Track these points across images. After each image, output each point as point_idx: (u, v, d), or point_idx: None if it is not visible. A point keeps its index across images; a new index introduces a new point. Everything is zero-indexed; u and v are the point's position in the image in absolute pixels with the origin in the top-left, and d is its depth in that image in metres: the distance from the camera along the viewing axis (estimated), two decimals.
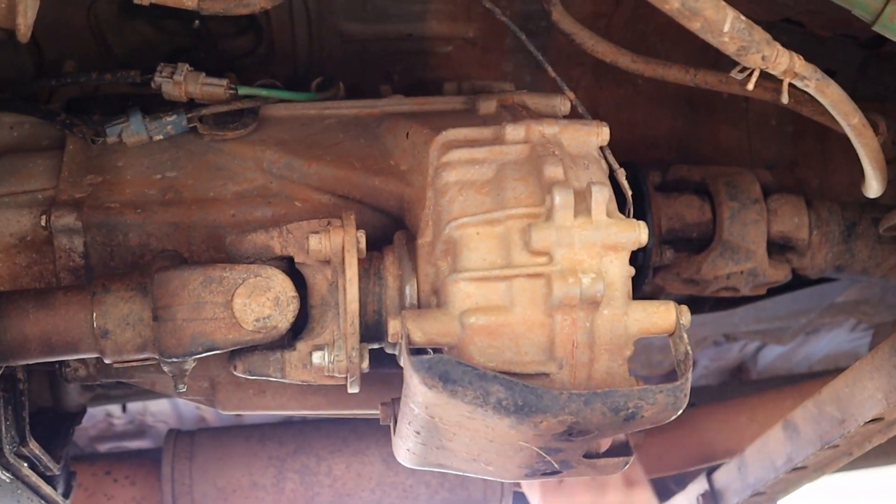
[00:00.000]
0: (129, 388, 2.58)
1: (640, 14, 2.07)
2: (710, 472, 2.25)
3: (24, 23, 1.30)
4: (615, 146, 1.48)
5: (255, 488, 2.22)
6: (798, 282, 2.42)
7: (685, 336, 1.27)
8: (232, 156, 1.62)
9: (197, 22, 1.89)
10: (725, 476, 2.16)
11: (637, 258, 1.89)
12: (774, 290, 2.38)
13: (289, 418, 2.47)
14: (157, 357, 1.36)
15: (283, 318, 1.32)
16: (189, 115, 1.61)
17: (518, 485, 2.41)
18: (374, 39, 2.08)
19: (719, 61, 1.90)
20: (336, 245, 1.33)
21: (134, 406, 2.89)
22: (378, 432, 2.28)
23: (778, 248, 1.99)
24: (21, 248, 1.58)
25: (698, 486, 2.27)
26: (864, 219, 2.02)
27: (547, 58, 1.63)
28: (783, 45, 1.27)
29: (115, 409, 2.91)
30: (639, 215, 1.85)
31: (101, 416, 2.92)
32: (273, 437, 2.28)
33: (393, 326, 1.25)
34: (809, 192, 2.10)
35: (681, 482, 2.47)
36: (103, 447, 2.94)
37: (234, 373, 1.40)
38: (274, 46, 2.05)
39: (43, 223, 1.55)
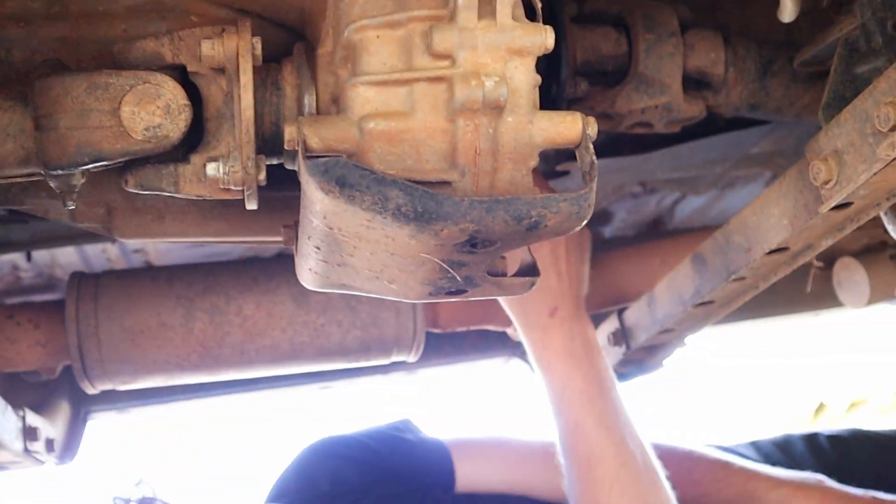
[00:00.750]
0: (37, 233, 2.50)
1: None
2: (621, 312, 2.28)
3: None
4: None
5: (164, 328, 2.18)
6: (715, 129, 2.42)
7: (591, 147, 1.24)
8: None
9: None
10: (635, 313, 2.19)
11: (551, 89, 1.85)
12: (690, 136, 2.38)
13: (207, 258, 2.42)
14: (41, 171, 1.29)
15: (175, 127, 1.26)
16: None
17: (434, 324, 2.41)
18: None
19: None
20: (230, 51, 1.26)
21: (41, 258, 2.81)
22: (289, 272, 2.23)
23: (693, 83, 1.96)
24: None
25: (609, 325, 2.30)
26: (780, 57, 2.00)
27: None
28: None
29: (21, 261, 2.81)
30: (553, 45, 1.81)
31: (7, 269, 2.84)
32: (181, 277, 2.23)
33: (289, 133, 1.19)
34: (727, 30, 2.06)
35: (595, 325, 2.50)
36: (11, 301, 2.86)
37: (126, 188, 1.34)
38: None
39: None
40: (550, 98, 1.84)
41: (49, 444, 2.36)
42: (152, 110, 1.25)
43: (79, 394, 2.62)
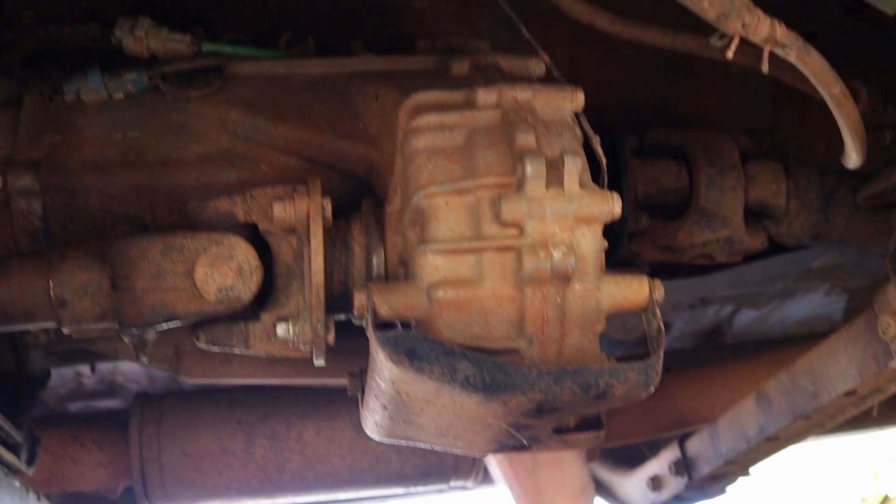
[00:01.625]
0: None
1: None
2: (682, 440, 2.24)
3: None
4: (592, 107, 1.43)
5: (225, 454, 2.19)
6: (774, 247, 2.40)
7: (658, 312, 1.24)
8: (196, 116, 1.56)
9: None
10: (698, 444, 2.15)
11: (612, 225, 1.85)
12: (750, 256, 2.37)
13: (258, 386, 2.44)
14: (116, 328, 1.32)
15: (247, 289, 1.28)
16: (150, 73, 1.55)
17: None
18: None
19: (701, 22, 1.86)
20: (301, 213, 1.28)
21: (104, 366, 2.85)
22: (348, 398, 2.25)
23: (755, 215, 1.96)
24: None
25: (670, 454, 2.26)
26: (842, 187, 1.98)
27: (524, 14, 1.58)
28: (763, 3, 1.23)
29: (85, 369, 2.86)
30: (615, 180, 1.82)
31: (70, 375, 2.88)
32: (243, 401, 2.25)
33: (358, 300, 1.21)
34: (788, 158, 2.06)
35: (654, 447, 2.47)
36: (73, 406, 2.90)
37: (198, 344, 1.36)
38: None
39: (0, 185, 1.50)
40: (612, 233, 1.84)
41: None
42: (225, 272, 1.27)
43: None
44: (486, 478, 2.42)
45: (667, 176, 1.90)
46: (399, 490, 2.31)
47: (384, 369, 1.18)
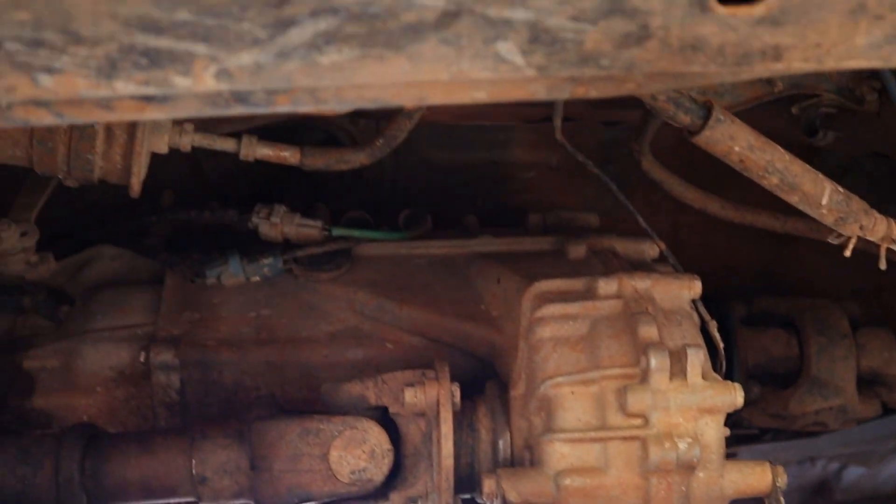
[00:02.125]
0: None
1: None
2: None
3: (138, 181, 1.37)
4: (696, 273, 1.47)
5: None
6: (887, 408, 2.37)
7: (782, 499, 1.26)
8: (325, 296, 1.66)
9: None
10: None
11: None
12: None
13: None
14: None
15: (379, 471, 1.34)
16: (285, 258, 1.66)
17: None
18: (459, 166, 2.12)
19: None
20: (431, 399, 1.35)
21: None
22: None
23: (867, 382, 1.96)
24: (119, 382, 1.62)
25: None
26: None
27: (629, 183, 1.64)
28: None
29: None
30: (725, 350, 1.84)
31: None
32: None
33: (488, 486, 1.26)
34: None
35: None
36: None
37: None
38: (362, 171, 2.11)
39: (142, 359, 1.60)
40: None
41: None
42: (358, 455, 1.34)
43: None
44: None
45: (776, 345, 1.93)
46: None
47: None
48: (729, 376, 1.88)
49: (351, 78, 0.72)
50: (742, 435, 2.14)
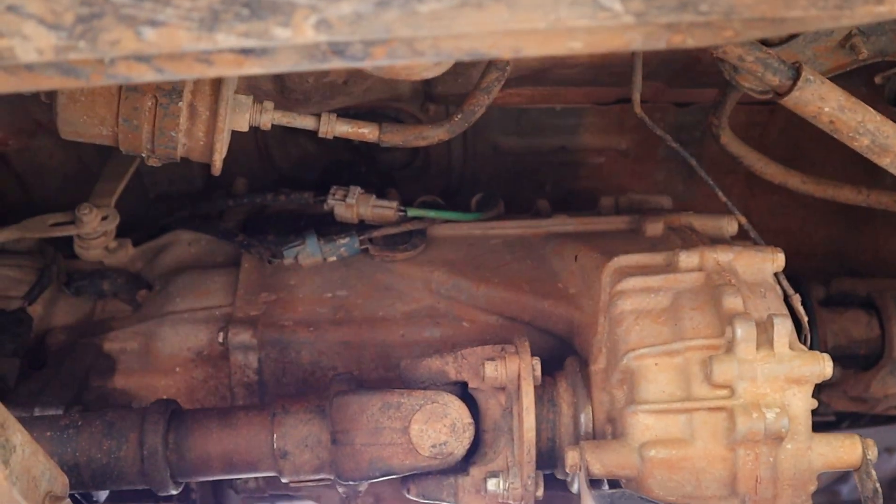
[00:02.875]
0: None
1: (794, 123, 2.06)
2: None
3: (219, 158, 1.38)
4: None
5: None
6: None
7: (873, 472, 1.24)
8: (400, 276, 1.66)
9: None
10: None
11: None
12: None
13: None
14: (332, 479, 1.39)
15: (459, 445, 1.33)
16: (361, 238, 1.67)
17: None
18: (528, 152, 2.12)
19: (877, 170, 1.88)
20: (512, 372, 1.34)
21: None
22: None
23: None
24: (198, 363, 1.64)
25: None
26: None
27: (700, 167, 1.63)
28: None
29: None
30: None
31: None
32: None
33: (571, 458, 1.25)
34: None
35: None
36: None
37: (408, 496, 1.42)
38: (430, 159, 2.11)
39: (220, 340, 1.62)
40: None
41: None
42: (439, 428, 1.34)
43: None
44: None
45: (857, 327, 1.89)
46: None
47: None
48: None
49: (449, 27, 0.72)
50: (819, 423, 2.11)
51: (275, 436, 1.39)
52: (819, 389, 1.92)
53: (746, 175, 2.18)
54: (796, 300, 1.38)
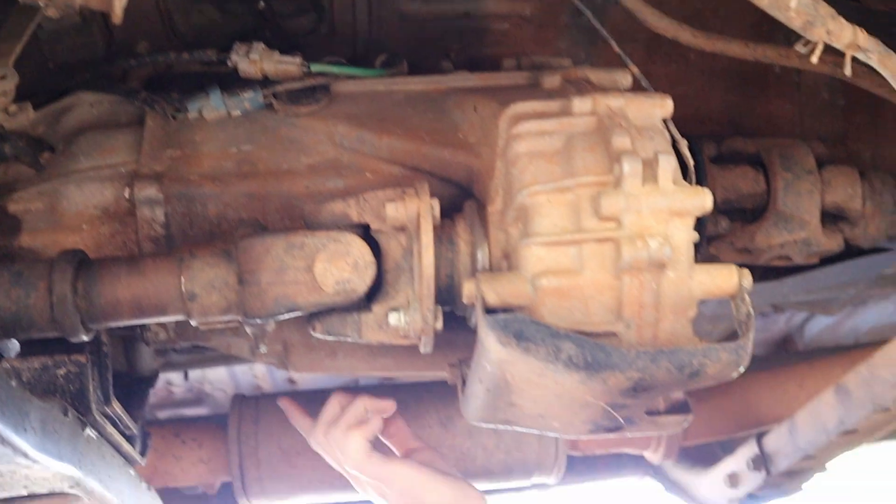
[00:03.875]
0: (195, 355, 2.68)
1: None
2: (759, 437, 2.31)
3: (120, 6, 1.37)
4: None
5: None
6: (848, 252, 2.46)
7: (747, 298, 1.33)
8: (304, 130, 1.69)
9: (261, 2, 1.95)
10: (776, 440, 2.21)
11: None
12: (825, 261, 2.43)
13: (347, 384, 2.55)
14: (240, 319, 1.44)
15: (362, 282, 1.39)
16: (265, 92, 1.68)
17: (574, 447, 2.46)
18: (433, 18, 2.13)
19: (772, 37, 1.95)
20: (412, 212, 1.40)
21: (193, 374, 2.99)
22: (436, 397, 2.35)
23: (831, 218, 2.03)
24: (104, 219, 1.66)
25: (748, 450, 2.33)
26: None
27: (599, 35, 1.68)
28: None
29: (175, 377, 3.00)
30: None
31: (161, 384, 3.02)
32: None
33: (468, 288, 1.31)
34: (861, 165, 2.13)
35: (728, 448, 2.53)
36: (163, 414, 3.03)
37: (313, 333, 1.48)
38: (335, 26, 2.12)
39: (126, 195, 1.64)
40: None
41: None
42: (342, 266, 1.39)
43: None
44: (567, 475, 2.51)
45: (744, 181, 1.99)
46: (484, 485, 2.39)
47: (492, 351, 1.28)
48: None
49: None
50: None
51: (182, 279, 1.42)
52: (708, 242, 2.04)
53: (646, 44, 2.23)
54: (683, 144, 1.45)
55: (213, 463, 2.42)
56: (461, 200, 1.55)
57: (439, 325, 1.41)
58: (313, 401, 2.31)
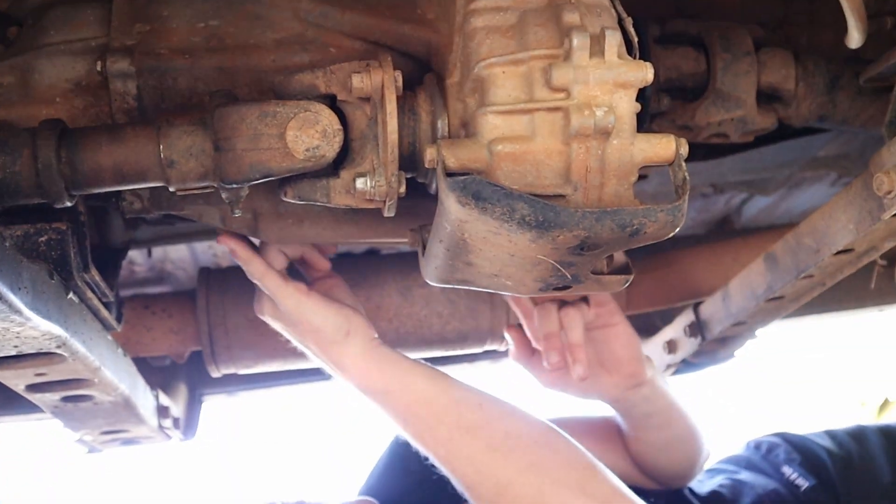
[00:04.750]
0: (159, 230, 2.76)
1: None
2: (696, 306, 2.47)
3: None
4: None
5: None
6: (782, 135, 2.60)
7: (683, 165, 1.46)
8: (270, 6, 1.75)
9: None
10: (711, 307, 2.38)
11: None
12: (761, 142, 2.57)
13: None
14: (216, 184, 1.54)
15: (330, 148, 1.49)
16: None
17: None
18: None
19: None
20: (376, 83, 1.49)
21: (155, 253, 3.07)
22: (395, 268, 2.48)
23: (766, 98, 2.15)
24: (77, 93, 1.72)
25: (685, 318, 2.50)
26: (846, 72, 2.17)
27: None
28: None
29: (137, 256, 3.07)
30: None
31: (123, 263, 3.10)
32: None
33: (430, 153, 1.42)
34: (797, 48, 2.25)
35: (667, 319, 2.70)
36: (126, 293, 3.12)
37: (284, 198, 1.58)
38: None
39: (98, 69, 1.70)
40: (638, 113, 2.04)
41: (176, 422, 2.62)
42: (312, 134, 1.49)
43: (194, 377, 2.89)
44: None
45: (686, 62, 2.10)
46: (439, 352, 2.55)
47: (452, 211, 1.40)
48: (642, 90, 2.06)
49: None
50: None
51: (161, 146, 1.51)
52: (651, 119, 2.16)
53: None
54: (628, 22, 1.55)
55: (183, 333, 2.53)
56: (420, 74, 1.65)
57: (402, 189, 1.52)
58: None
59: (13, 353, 1.69)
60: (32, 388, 1.96)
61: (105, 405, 2.17)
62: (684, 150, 1.46)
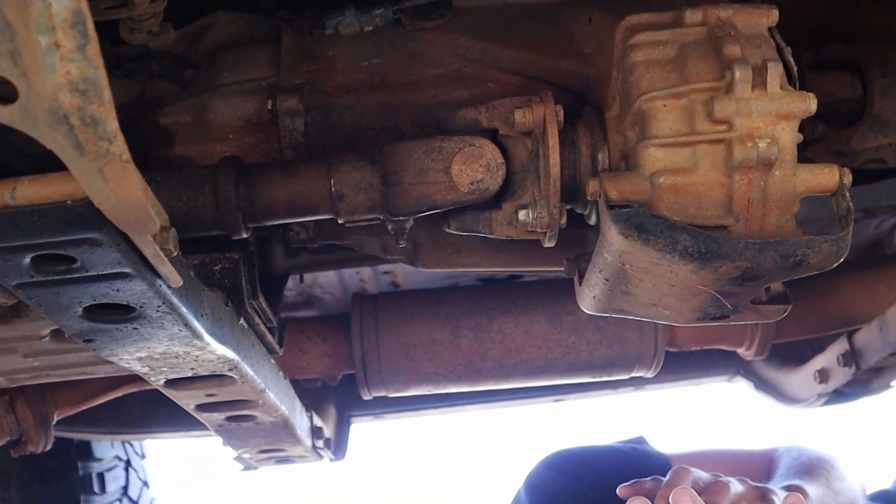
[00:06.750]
0: (317, 257, 2.87)
1: None
2: (850, 335, 2.43)
3: None
4: None
5: (434, 343, 2.50)
6: None
7: (847, 194, 1.45)
8: (430, 43, 1.83)
9: None
10: (866, 336, 2.33)
11: None
12: None
13: (459, 286, 2.72)
14: (383, 217, 1.61)
15: (494, 181, 1.54)
16: (394, 8, 1.83)
17: (671, 343, 2.61)
18: None
19: None
20: (538, 118, 1.54)
21: (306, 278, 3.18)
22: (543, 295, 2.52)
23: None
24: (248, 130, 1.83)
25: (838, 347, 2.45)
26: None
27: None
28: None
29: (289, 282, 3.19)
30: None
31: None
32: (448, 299, 2.54)
33: (592, 186, 1.46)
34: None
35: (818, 350, 2.65)
36: None
37: (447, 230, 1.64)
38: None
39: (269, 107, 1.80)
40: None
41: (328, 442, 2.72)
42: (476, 168, 1.54)
43: (343, 399, 2.99)
44: (664, 371, 2.67)
45: (841, 87, 2.08)
46: (587, 377, 2.57)
47: (614, 243, 1.43)
48: None
49: None
50: None
51: (332, 181, 1.59)
52: (805, 146, 2.14)
53: None
54: (787, 52, 1.56)
55: (336, 357, 2.63)
56: (576, 107, 1.69)
57: (564, 220, 1.56)
58: (417, 300, 2.51)
59: (189, 374, 1.80)
60: (202, 407, 2.08)
61: (266, 425, 2.28)
62: (848, 179, 1.45)
